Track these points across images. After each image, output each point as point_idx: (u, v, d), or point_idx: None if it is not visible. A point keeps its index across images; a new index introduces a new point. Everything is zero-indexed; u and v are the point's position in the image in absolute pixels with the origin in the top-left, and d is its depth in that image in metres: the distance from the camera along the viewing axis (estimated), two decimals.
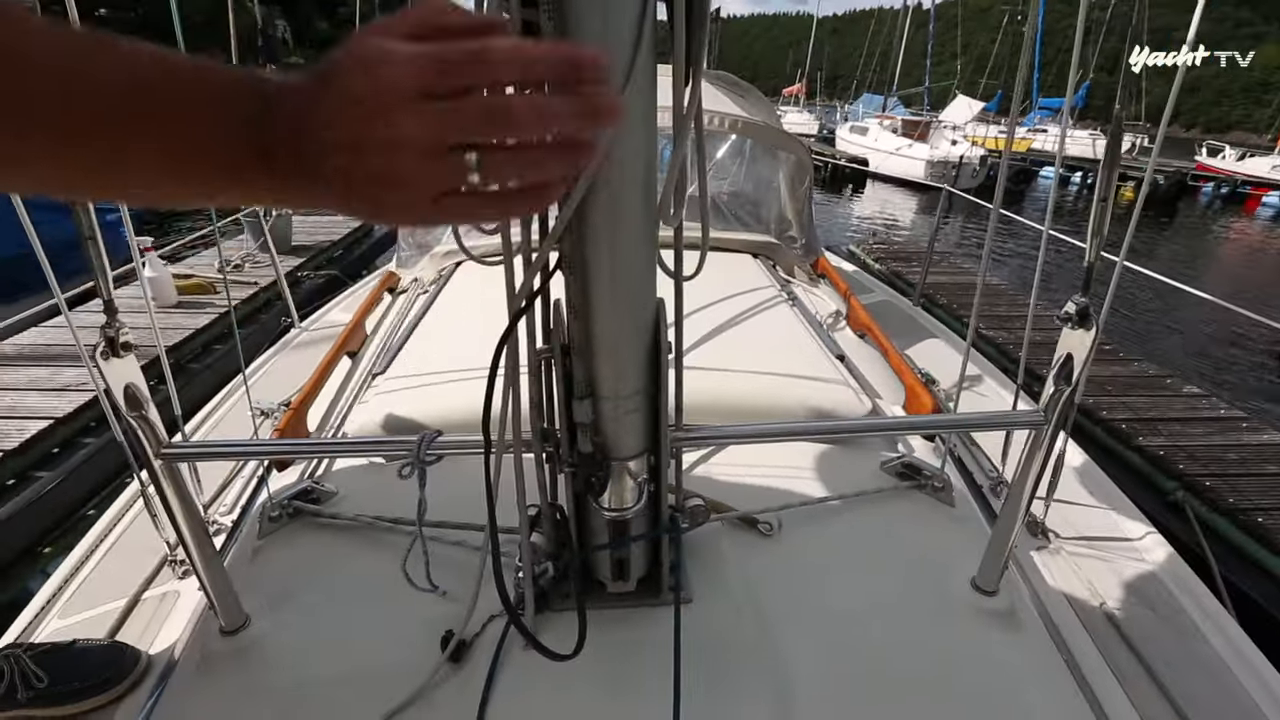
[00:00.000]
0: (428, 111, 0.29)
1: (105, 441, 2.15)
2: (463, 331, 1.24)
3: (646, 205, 0.50)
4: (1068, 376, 0.69)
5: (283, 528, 0.89)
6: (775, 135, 2.04)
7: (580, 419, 0.56)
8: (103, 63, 0.30)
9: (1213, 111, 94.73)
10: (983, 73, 33.82)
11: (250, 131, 0.31)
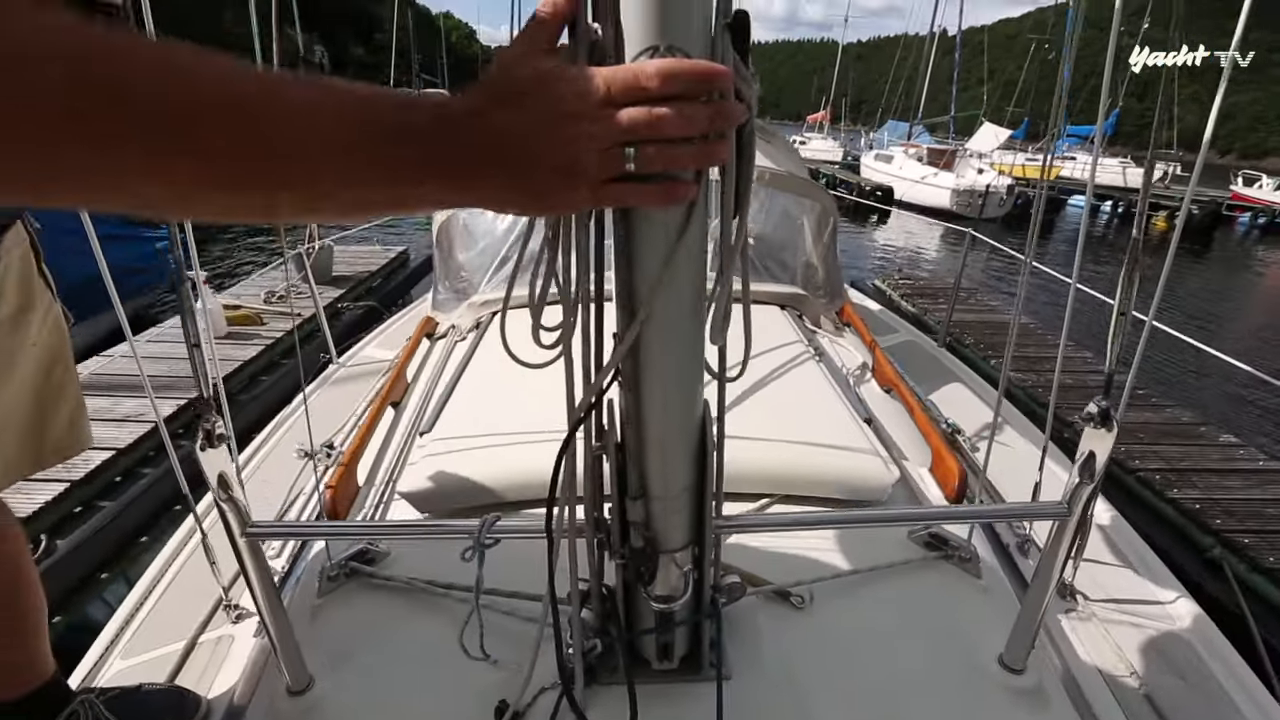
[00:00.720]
0: (609, 116, 0.39)
1: (163, 472, 2.26)
2: (505, 390, 1.29)
3: (695, 329, 0.55)
4: (1091, 474, 0.72)
5: (340, 587, 0.95)
6: (800, 185, 2.09)
7: (633, 518, 0.61)
8: (326, 119, 0.37)
9: (1249, 138, 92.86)
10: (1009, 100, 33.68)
11: (430, 140, 0.38)
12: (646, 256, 0.50)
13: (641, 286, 0.51)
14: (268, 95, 0.35)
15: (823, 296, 2.01)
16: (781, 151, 2.31)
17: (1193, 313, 8.61)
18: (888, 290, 5.21)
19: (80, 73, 0.30)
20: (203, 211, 0.38)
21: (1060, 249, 12.52)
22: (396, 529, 0.95)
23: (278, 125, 0.35)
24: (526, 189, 0.41)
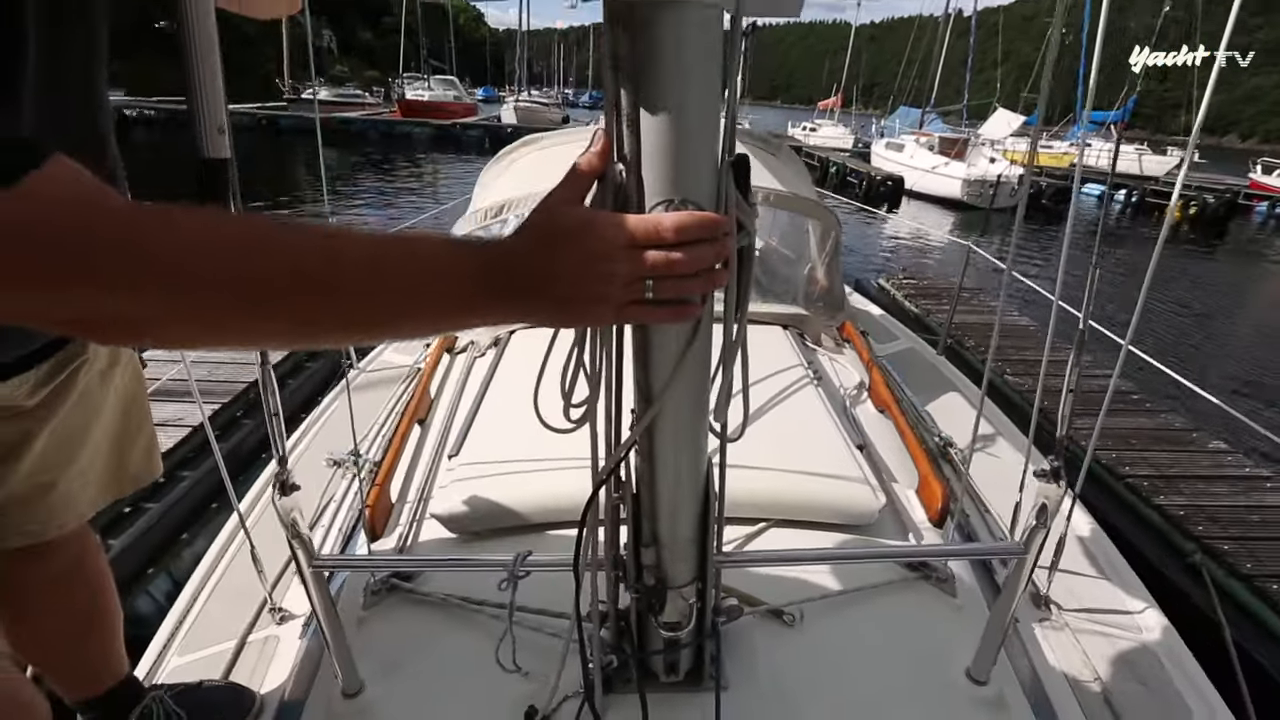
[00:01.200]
0: (633, 258, 0.48)
1: (201, 474, 2.40)
2: (527, 413, 1.41)
3: (700, 411, 0.67)
4: (1044, 521, 0.83)
5: (383, 601, 1.07)
6: (804, 205, 2.17)
7: (646, 562, 0.72)
8: (390, 276, 0.46)
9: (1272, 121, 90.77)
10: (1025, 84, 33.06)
11: (480, 283, 0.48)
12: (659, 362, 0.61)
13: (655, 383, 0.62)
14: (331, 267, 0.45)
15: (824, 313, 2.09)
16: (789, 168, 2.37)
17: (1198, 308, 8.59)
18: (892, 290, 5.26)
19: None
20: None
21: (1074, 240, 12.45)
22: (442, 562, 1.07)
23: (362, 306, 0.46)
24: (564, 312, 0.52)
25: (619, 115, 0.53)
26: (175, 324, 0.44)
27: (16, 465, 0.86)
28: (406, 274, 0.47)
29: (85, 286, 0.40)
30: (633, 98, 0.51)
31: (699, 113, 0.52)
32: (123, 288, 0.40)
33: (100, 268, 0.39)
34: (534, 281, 0.49)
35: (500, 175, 2.50)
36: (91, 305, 0.40)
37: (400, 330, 0.53)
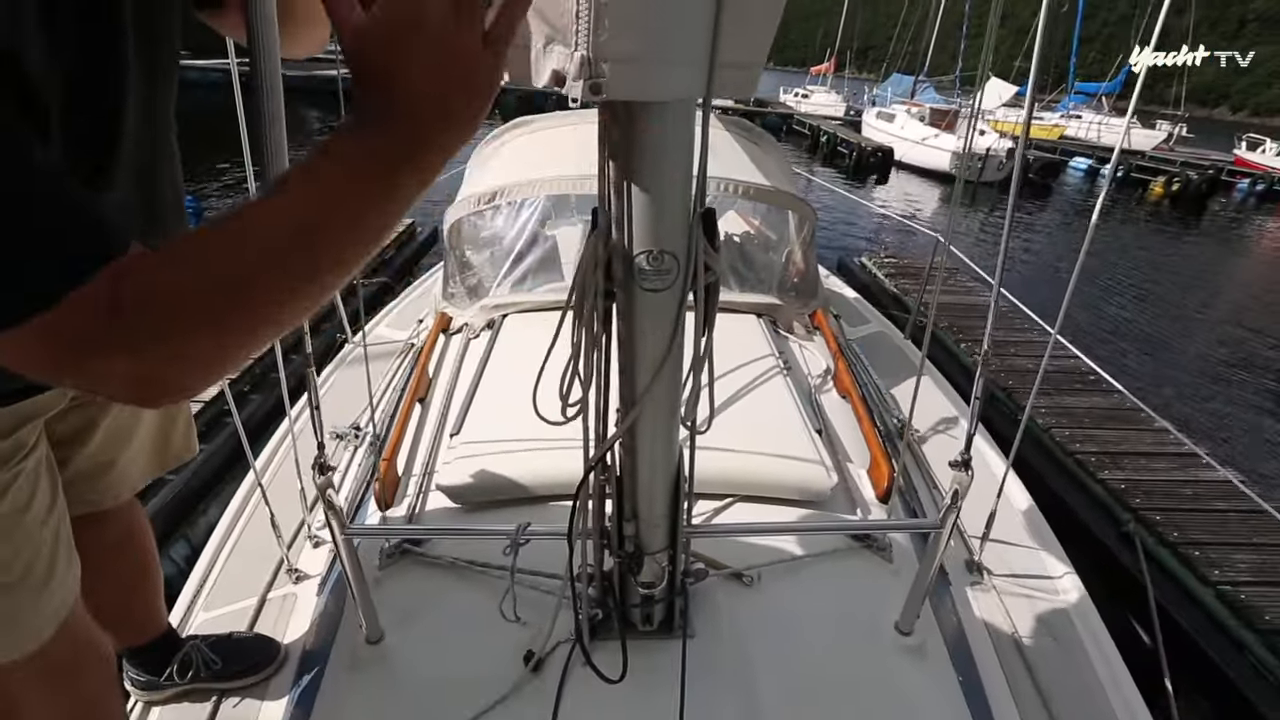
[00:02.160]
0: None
1: (216, 447, 2.53)
2: (522, 392, 1.54)
3: (673, 411, 0.81)
4: (955, 503, 0.99)
5: (396, 563, 1.22)
6: (782, 198, 2.28)
7: (627, 533, 0.88)
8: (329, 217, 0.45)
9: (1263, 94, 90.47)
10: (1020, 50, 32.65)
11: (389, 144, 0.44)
12: (640, 371, 0.75)
13: (637, 388, 0.76)
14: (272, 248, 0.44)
15: (797, 302, 2.22)
16: (771, 158, 2.46)
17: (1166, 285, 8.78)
18: (872, 268, 5.39)
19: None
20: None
21: (1055, 217, 12.60)
22: (453, 530, 1.21)
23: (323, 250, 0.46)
24: (452, 103, 0.45)
25: (608, 182, 0.66)
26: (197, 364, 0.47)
27: (83, 447, 0.99)
28: (334, 204, 0.45)
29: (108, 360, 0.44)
30: (621, 170, 0.64)
31: (674, 180, 0.65)
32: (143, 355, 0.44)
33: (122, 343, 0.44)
34: (421, 102, 0.44)
35: (491, 158, 2.58)
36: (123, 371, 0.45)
37: (361, 248, 0.48)
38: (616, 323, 0.74)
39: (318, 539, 1.58)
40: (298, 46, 0.80)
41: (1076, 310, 6.79)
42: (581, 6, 0.53)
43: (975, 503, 1.51)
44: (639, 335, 0.72)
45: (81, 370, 0.45)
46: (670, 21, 0.54)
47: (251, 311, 0.46)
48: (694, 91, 0.59)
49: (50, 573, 0.89)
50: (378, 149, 0.45)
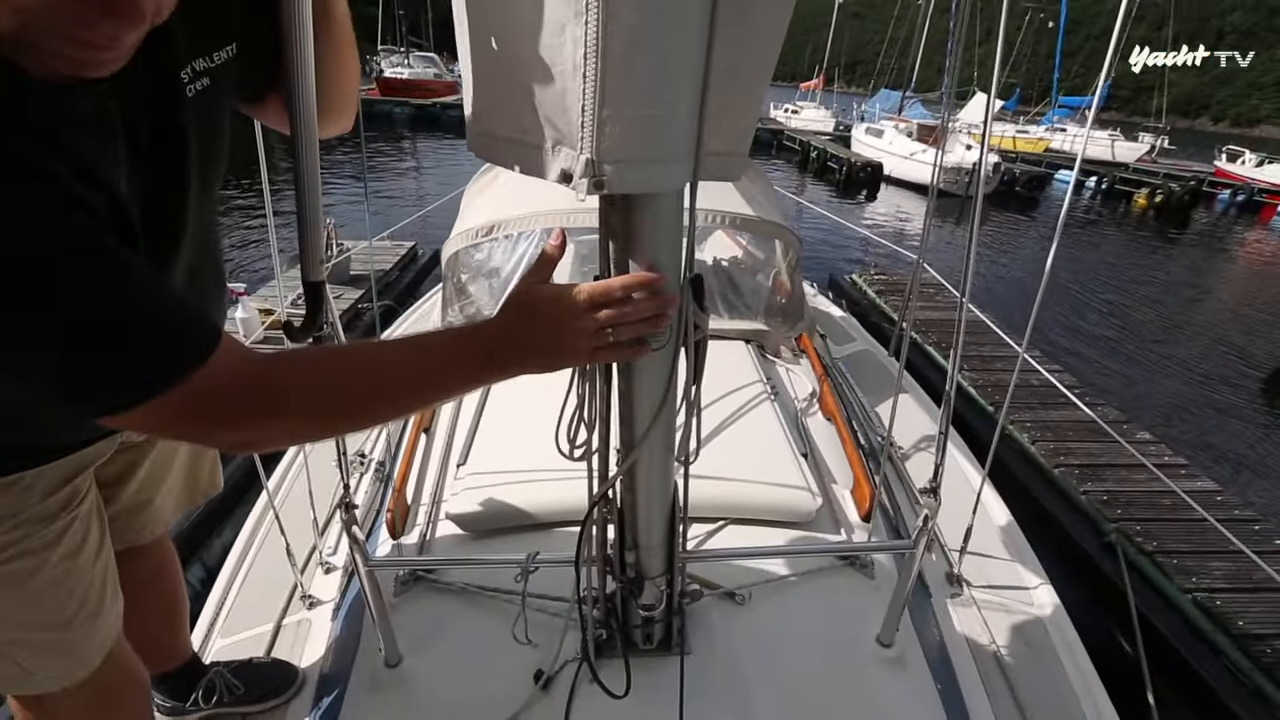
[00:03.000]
0: (593, 315, 0.67)
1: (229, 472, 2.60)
2: (527, 422, 1.60)
3: (668, 450, 0.90)
4: (927, 526, 1.08)
5: (410, 589, 1.30)
6: (769, 228, 2.38)
7: (628, 560, 0.97)
8: (426, 379, 0.68)
9: (1243, 104, 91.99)
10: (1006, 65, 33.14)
11: (486, 361, 0.67)
12: (638, 417, 0.84)
13: (636, 432, 0.85)
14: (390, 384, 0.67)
15: (783, 326, 2.31)
16: (756, 185, 2.55)
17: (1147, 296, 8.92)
18: (863, 284, 5.52)
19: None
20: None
21: (1043, 230, 12.80)
22: (469, 560, 1.29)
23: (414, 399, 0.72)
24: (551, 365, 0.70)
25: (609, 258, 0.76)
26: (292, 438, 0.69)
27: (125, 487, 1.08)
28: (435, 374, 0.68)
29: (241, 428, 0.62)
30: (619, 248, 0.74)
31: (666, 251, 0.75)
32: (267, 424, 0.63)
33: (256, 410, 0.62)
34: (524, 348, 0.68)
35: (487, 189, 2.67)
36: (240, 436, 0.64)
37: (437, 402, 0.78)
38: (616, 377, 0.83)
39: (329, 565, 1.66)
40: (327, 132, 0.91)
41: (1061, 323, 6.93)
42: (586, 117, 0.63)
43: (956, 515, 1.60)
44: (637, 388, 0.81)
45: (210, 430, 0.63)
46: (662, 127, 0.64)
47: (352, 420, 0.69)
48: (684, 181, 0.69)
49: (99, 608, 0.97)
50: (482, 360, 0.68)
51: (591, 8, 0.58)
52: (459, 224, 2.54)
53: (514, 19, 0.65)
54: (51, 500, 0.87)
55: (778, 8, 0.68)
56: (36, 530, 0.86)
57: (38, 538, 0.86)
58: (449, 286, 2.39)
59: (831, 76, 35.50)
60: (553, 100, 0.66)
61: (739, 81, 0.70)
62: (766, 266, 2.60)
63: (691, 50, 0.61)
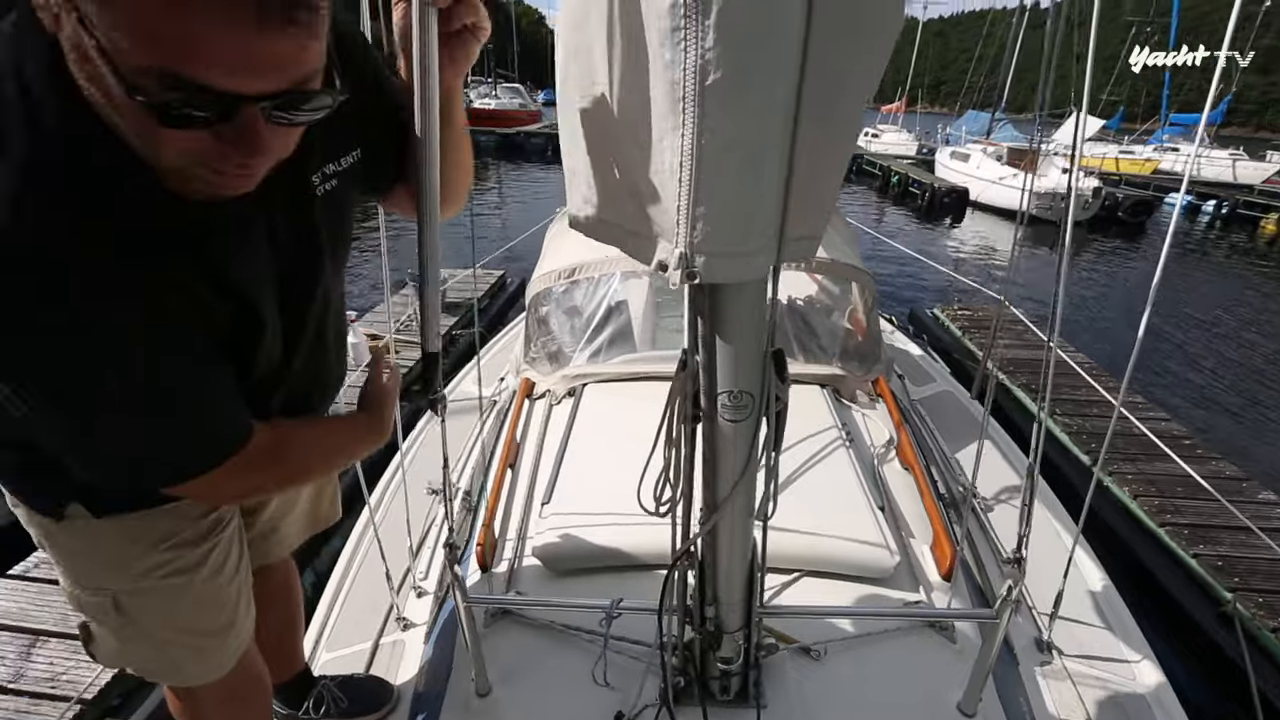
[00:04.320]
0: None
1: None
2: (608, 465, 1.65)
3: (749, 510, 0.95)
4: (1010, 597, 1.06)
5: (498, 623, 1.38)
6: (843, 269, 2.38)
7: (708, 615, 1.01)
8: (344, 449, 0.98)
9: None
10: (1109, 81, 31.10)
11: (367, 432, 0.96)
12: (722, 478, 0.89)
13: (719, 493, 0.90)
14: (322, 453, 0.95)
15: (859, 369, 2.28)
16: (834, 227, 2.56)
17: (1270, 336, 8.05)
18: (945, 320, 5.32)
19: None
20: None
21: (1150, 262, 11.83)
22: (558, 603, 1.35)
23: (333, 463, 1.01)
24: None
25: (697, 336, 0.82)
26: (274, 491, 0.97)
27: (260, 515, 1.22)
28: (349, 445, 0.97)
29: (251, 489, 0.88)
30: (707, 327, 0.80)
31: (749, 332, 0.80)
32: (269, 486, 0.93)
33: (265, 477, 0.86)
34: (372, 421, 0.97)
35: (567, 231, 2.80)
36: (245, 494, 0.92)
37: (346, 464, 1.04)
38: (701, 442, 0.89)
39: (421, 589, 1.77)
40: (443, 216, 1.05)
41: (1172, 365, 6.40)
42: (680, 215, 0.70)
43: (1047, 574, 1.53)
44: (721, 455, 0.86)
45: (219, 496, 0.91)
46: (749, 223, 0.70)
47: (298, 480, 1.03)
48: (767, 268, 0.75)
49: (235, 619, 1.11)
50: (367, 426, 0.98)
51: (688, 124, 0.65)
52: (542, 264, 2.69)
53: (620, 125, 0.73)
54: (202, 524, 1.02)
55: (856, 104, 0.73)
56: (188, 551, 1.01)
57: (189, 557, 1.01)
58: (531, 322, 2.52)
59: (914, 97, 34.52)
60: (651, 198, 0.73)
61: (819, 175, 0.75)
62: (842, 304, 2.60)
63: (776, 155, 0.67)
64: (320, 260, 0.87)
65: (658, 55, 0.65)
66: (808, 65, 0.62)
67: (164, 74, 0.53)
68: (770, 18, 0.60)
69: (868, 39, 0.66)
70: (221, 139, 0.59)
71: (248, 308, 0.77)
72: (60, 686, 1.86)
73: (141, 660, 1.08)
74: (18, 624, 2.06)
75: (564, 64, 0.80)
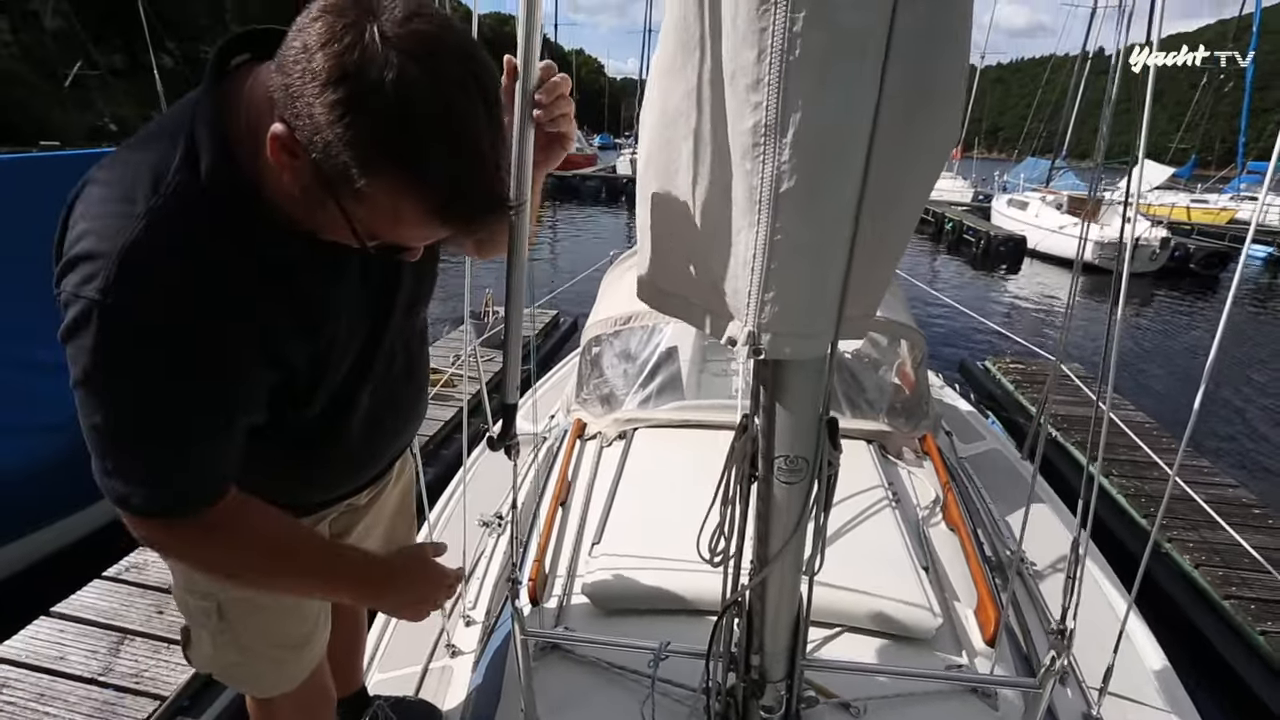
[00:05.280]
0: (429, 595, 1.04)
1: None
2: (657, 510, 1.74)
3: (798, 566, 1.00)
4: (1052, 669, 1.07)
5: (547, 656, 1.45)
6: (893, 328, 2.41)
7: (753, 663, 1.06)
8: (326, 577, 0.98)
9: None
10: (1179, 127, 30.02)
11: (361, 581, 1.00)
12: (774, 535, 0.96)
13: (770, 550, 0.97)
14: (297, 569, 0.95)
15: (906, 426, 2.29)
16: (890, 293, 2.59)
17: None
18: (996, 373, 5.22)
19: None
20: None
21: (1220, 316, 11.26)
22: (608, 642, 1.37)
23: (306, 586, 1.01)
24: (390, 611, 1.12)
25: (758, 404, 0.90)
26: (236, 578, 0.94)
27: (344, 539, 1.32)
28: (337, 583, 1.01)
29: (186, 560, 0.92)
30: (768, 397, 0.88)
31: (807, 401, 0.88)
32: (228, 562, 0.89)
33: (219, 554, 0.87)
34: (379, 598, 1.05)
35: (623, 277, 2.91)
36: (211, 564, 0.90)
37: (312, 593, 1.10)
38: (755, 500, 0.96)
39: (469, 619, 1.85)
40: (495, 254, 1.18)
41: (1245, 427, 6.07)
42: (751, 299, 0.79)
43: (1097, 644, 1.50)
44: (774, 514, 0.93)
45: (167, 550, 0.91)
46: (812, 307, 0.78)
47: (248, 581, 0.96)
48: (826, 346, 0.83)
49: (312, 634, 1.22)
50: (371, 591, 1.04)
51: (762, 222, 0.74)
52: (599, 308, 2.80)
53: (698, 215, 0.84)
54: None
55: (913, 205, 0.81)
56: None
57: None
58: (585, 365, 2.61)
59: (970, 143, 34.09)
60: (722, 280, 0.83)
61: (878, 263, 0.83)
62: (890, 358, 2.62)
63: (839, 250, 0.75)
64: (394, 302, 0.99)
65: (739, 164, 0.75)
66: (870, 176, 0.71)
67: (380, 239, 0.72)
68: (838, 138, 0.69)
69: (925, 154, 0.75)
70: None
71: (328, 331, 0.87)
72: (143, 683, 2.01)
73: (228, 667, 1.19)
74: (109, 622, 2.24)
75: (648, 154, 0.91)
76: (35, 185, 2.72)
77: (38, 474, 2.68)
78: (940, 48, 0.69)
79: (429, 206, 0.67)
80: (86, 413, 0.72)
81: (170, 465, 0.76)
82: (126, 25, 19.73)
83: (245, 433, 0.83)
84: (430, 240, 0.76)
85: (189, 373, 0.72)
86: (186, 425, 0.75)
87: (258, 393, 0.82)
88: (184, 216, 0.70)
